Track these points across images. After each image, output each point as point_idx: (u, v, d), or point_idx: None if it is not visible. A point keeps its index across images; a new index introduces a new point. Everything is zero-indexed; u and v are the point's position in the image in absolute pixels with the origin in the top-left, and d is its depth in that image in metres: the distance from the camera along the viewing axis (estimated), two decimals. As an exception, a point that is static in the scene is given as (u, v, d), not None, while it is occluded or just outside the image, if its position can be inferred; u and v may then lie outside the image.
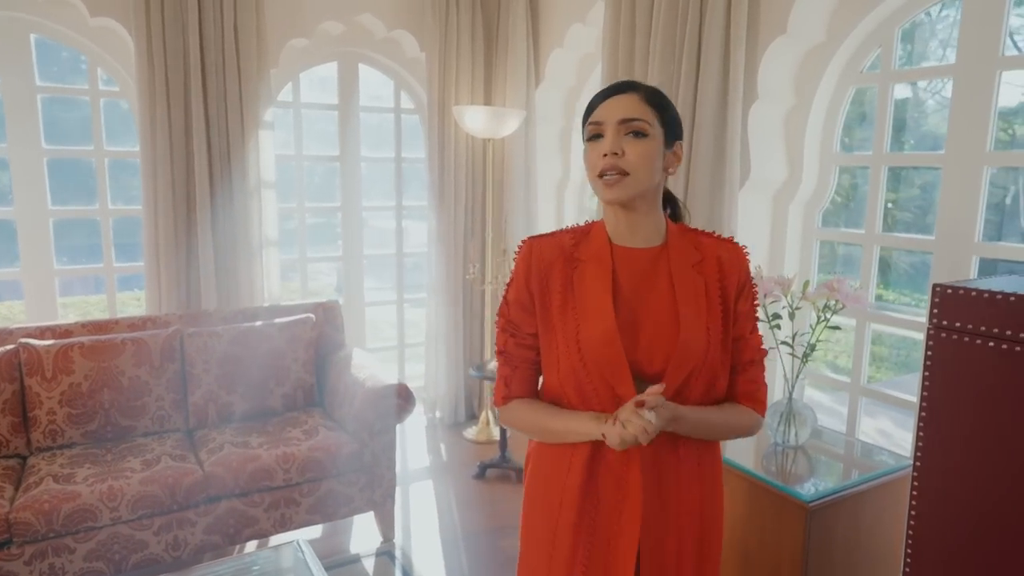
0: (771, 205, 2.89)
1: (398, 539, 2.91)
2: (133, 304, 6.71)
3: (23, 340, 2.63)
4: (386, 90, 4.30)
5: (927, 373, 1.57)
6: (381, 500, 2.81)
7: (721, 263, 1.29)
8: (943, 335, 1.53)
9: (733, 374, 1.33)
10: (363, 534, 2.94)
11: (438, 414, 4.23)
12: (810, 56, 2.68)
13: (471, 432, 4.03)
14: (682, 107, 2.75)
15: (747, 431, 1.33)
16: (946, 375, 1.53)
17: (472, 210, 4.07)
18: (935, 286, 1.54)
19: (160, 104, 3.18)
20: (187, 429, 2.87)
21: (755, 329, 1.34)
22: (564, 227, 1.37)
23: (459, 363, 4.13)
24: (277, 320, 3.06)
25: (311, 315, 3.14)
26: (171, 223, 3.27)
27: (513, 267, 1.34)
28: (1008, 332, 1.43)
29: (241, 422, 2.90)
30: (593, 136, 1.24)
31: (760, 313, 2.39)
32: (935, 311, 1.55)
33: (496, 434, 3.96)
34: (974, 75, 2.23)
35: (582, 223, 1.37)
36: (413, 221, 5.02)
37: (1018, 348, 1.42)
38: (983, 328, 1.47)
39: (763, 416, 1.35)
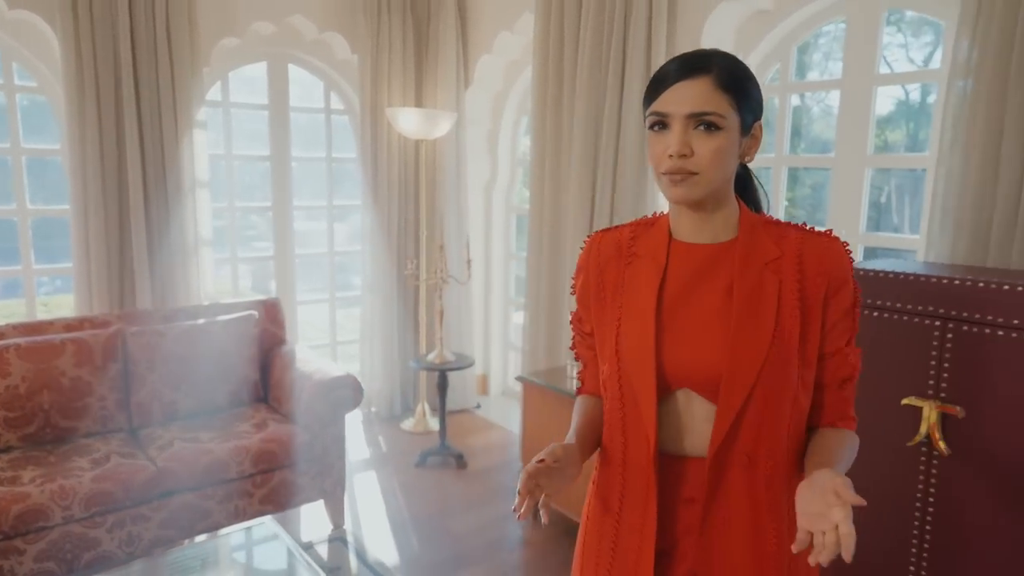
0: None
1: (348, 526, 3.01)
2: (43, 309, 6.34)
3: (-47, 343, 2.55)
4: (316, 91, 4.35)
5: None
6: (331, 488, 2.90)
7: (803, 260, 1.07)
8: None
9: (821, 392, 1.11)
10: (312, 523, 3.02)
11: (374, 409, 4.32)
12: (720, 68, 2.98)
13: (408, 424, 4.15)
14: (609, 111, 3.00)
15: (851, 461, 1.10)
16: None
17: (405, 209, 4.18)
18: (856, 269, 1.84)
19: (89, 102, 3.13)
20: (131, 428, 2.85)
21: (852, 340, 1.11)
22: (627, 220, 1.21)
23: (394, 358, 4.24)
24: (220, 318, 3.08)
25: (254, 312, 3.18)
26: (102, 223, 3.22)
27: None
28: (889, 303, 1.73)
29: (186, 419, 2.91)
30: (656, 125, 1.05)
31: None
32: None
33: (433, 425, 4.10)
34: (857, 88, 2.59)
35: (512, 221, 1.46)
36: (318, 222, 5.06)
37: (896, 316, 1.72)
38: (879, 302, 1.78)
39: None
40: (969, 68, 1.99)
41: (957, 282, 1.73)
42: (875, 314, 1.81)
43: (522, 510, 0.98)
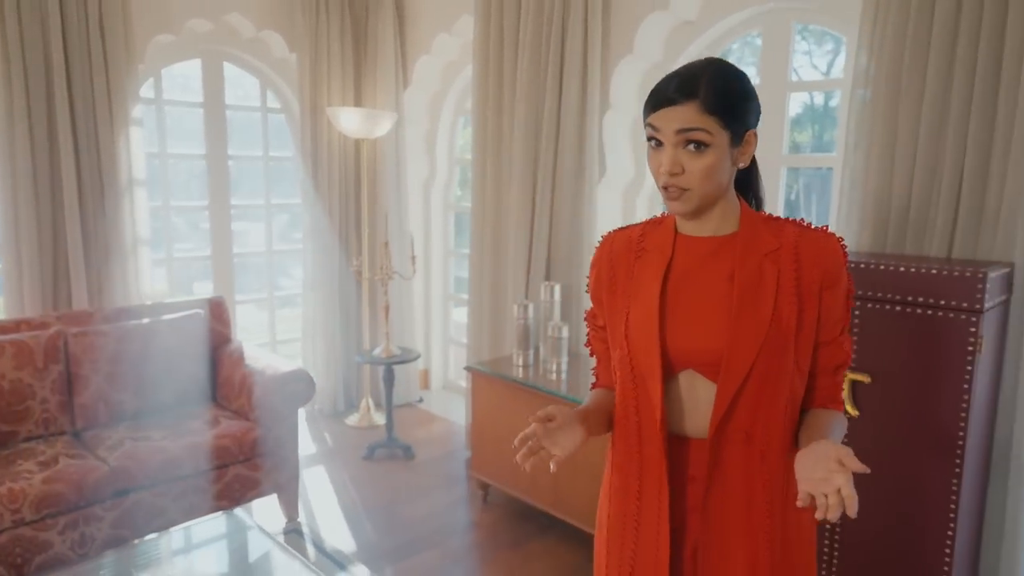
0: (622, 198, 3.39)
1: (303, 518, 3.06)
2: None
3: None
4: (252, 89, 4.32)
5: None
6: (286, 482, 2.95)
7: (799, 252, 1.14)
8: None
9: (815, 377, 1.19)
10: (266, 517, 3.05)
11: (317, 406, 4.34)
12: (650, 73, 3.20)
13: (353, 419, 4.20)
14: (548, 115, 3.17)
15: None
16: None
17: (346, 207, 4.23)
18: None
19: (18, 98, 3.04)
20: (74, 431, 2.80)
21: (846, 330, 1.19)
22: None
23: (337, 355, 4.28)
24: (165, 317, 3.06)
25: (200, 311, 3.17)
26: (34, 223, 3.13)
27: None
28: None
29: (134, 420, 2.89)
30: (652, 139, 1.13)
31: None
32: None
33: (378, 419, 4.16)
34: (772, 94, 2.85)
35: (451, 219, 1.49)
36: (251, 223, 5.04)
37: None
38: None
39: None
40: (868, 79, 2.26)
41: (863, 266, 1.98)
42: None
43: (521, 458, 1.09)
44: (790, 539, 1.18)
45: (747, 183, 1.24)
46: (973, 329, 1.84)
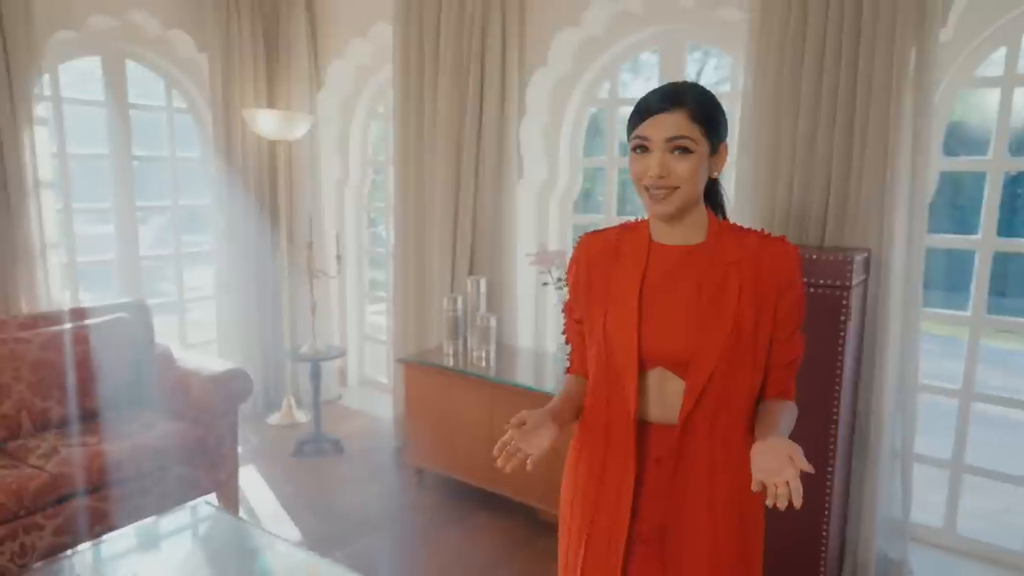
0: (537, 198, 3.67)
1: (243, 515, 3.10)
2: None
3: None
4: (156, 88, 4.22)
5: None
6: (226, 479, 2.99)
7: (759, 262, 1.27)
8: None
9: (770, 371, 1.33)
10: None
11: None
12: (561, 83, 3.50)
13: (275, 419, 4.22)
14: (471, 120, 3.39)
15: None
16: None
17: (261, 208, 4.23)
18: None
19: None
20: (-4, 443, 2.70)
21: (796, 331, 1.33)
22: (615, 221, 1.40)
23: (255, 356, 4.27)
24: (89, 321, 3.00)
25: (124, 314, 3.12)
26: (-67, 227, 2.96)
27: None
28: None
29: (59, 427, 2.82)
30: (638, 147, 1.25)
31: (550, 276, 3.13)
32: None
33: (300, 417, 4.21)
34: (672, 106, 3.22)
35: (364, 219, 1.76)
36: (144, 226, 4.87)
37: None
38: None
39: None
40: (753, 95, 2.66)
41: (758, 254, 2.35)
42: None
43: (502, 462, 1.21)
44: (746, 515, 1.34)
45: (712, 193, 1.37)
46: (844, 303, 2.27)
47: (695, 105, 1.22)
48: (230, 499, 3.02)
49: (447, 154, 3.49)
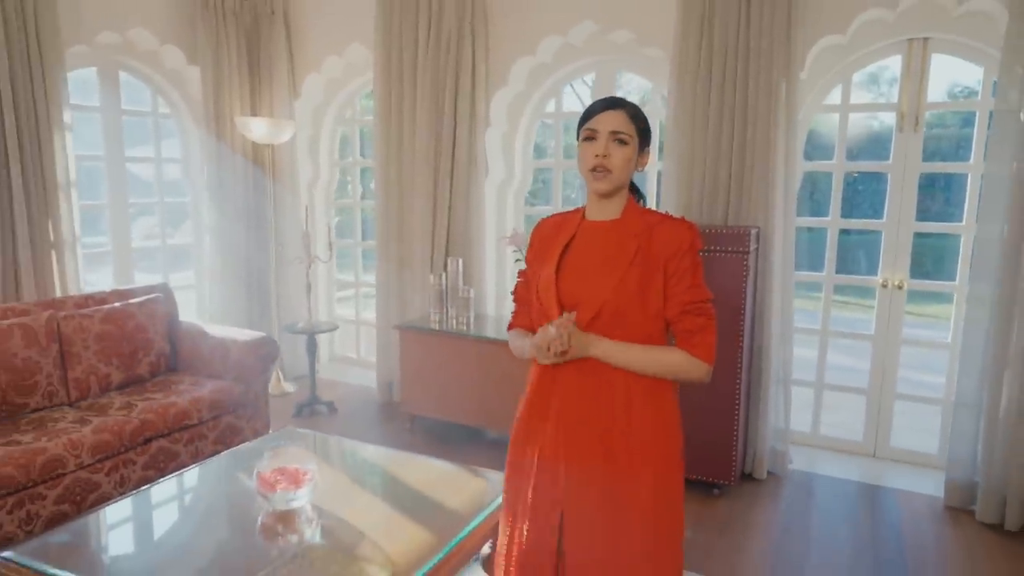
0: (497, 192, 4.47)
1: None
2: None
3: (-95, 333, 2.69)
4: (143, 95, 4.63)
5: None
6: (262, 428, 3.57)
7: (655, 233, 1.56)
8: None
9: (672, 323, 1.58)
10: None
11: (224, 384, 4.80)
12: (516, 99, 4.31)
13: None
14: (446, 129, 4.13)
15: (684, 372, 1.56)
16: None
17: (247, 204, 4.75)
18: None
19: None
20: (71, 402, 3.17)
21: (692, 287, 1.56)
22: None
23: (243, 336, 4.78)
24: (132, 300, 3.49)
25: (159, 294, 3.63)
26: (-15, 220, 3.35)
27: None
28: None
29: (117, 390, 3.31)
30: (587, 138, 1.57)
31: (521, 253, 3.92)
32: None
33: (288, 387, 4.77)
34: (607, 120, 4.13)
35: (332, 214, 2.38)
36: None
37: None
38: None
39: (705, 360, 1.56)
40: (674, 114, 3.59)
41: (685, 230, 3.27)
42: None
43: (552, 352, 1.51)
44: (634, 435, 1.57)
45: (635, 188, 1.72)
46: (744, 263, 3.23)
47: (632, 110, 1.59)
48: (263, 445, 3.61)
49: (426, 157, 4.21)
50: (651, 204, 4.10)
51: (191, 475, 2.55)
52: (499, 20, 4.11)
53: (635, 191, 1.70)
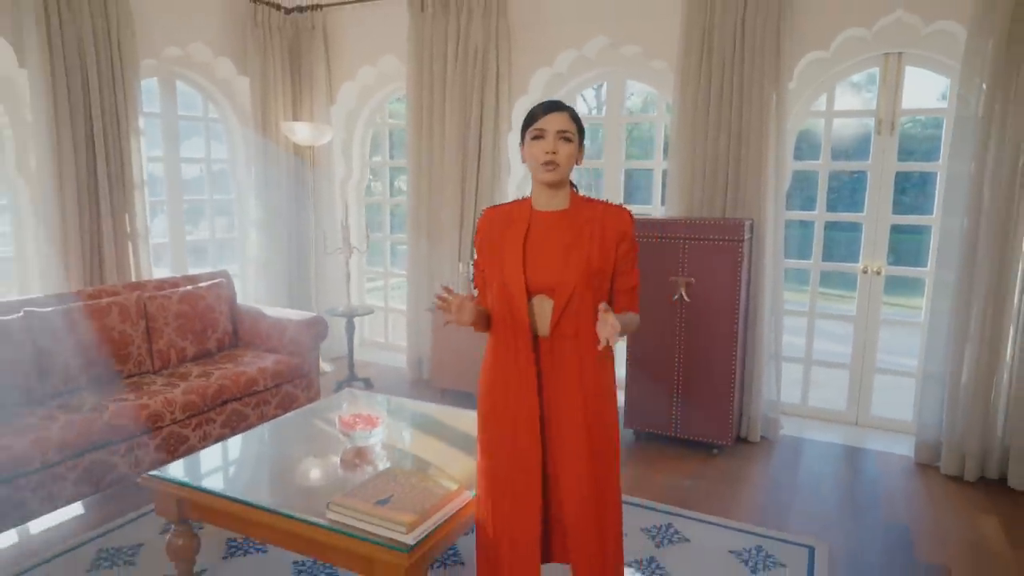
0: (516, 189, 4.95)
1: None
2: None
3: (27, 309, 3.17)
4: (195, 101, 5.11)
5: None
6: (314, 396, 4.06)
7: (604, 220, 1.81)
8: (640, 237, 3.77)
9: (617, 295, 1.88)
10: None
11: (268, 364, 5.29)
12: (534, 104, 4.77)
13: (305, 370, 5.23)
14: (472, 134, 4.61)
15: (637, 325, 1.94)
16: (642, 253, 3.77)
17: (290, 200, 5.23)
18: (648, 219, 3.74)
19: (64, 127, 3.73)
20: (154, 371, 3.65)
21: (633, 267, 1.87)
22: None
23: (285, 320, 5.26)
24: (201, 284, 3.97)
25: (223, 279, 4.11)
26: (76, 216, 3.82)
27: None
28: (662, 234, 3.72)
29: (192, 362, 3.79)
30: (536, 137, 1.76)
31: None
32: (636, 228, 3.77)
33: (325, 367, 5.25)
34: (614, 124, 4.60)
35: (363, 210, 2.82)
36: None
37: (665, 240, 3.71)
38: (658, 234, 3.74)
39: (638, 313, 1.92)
40: (678, 121, 4.06)
41: (686, 222, 3.75)
42: (658, 240, 3.77)
43: (443, 314, 1.93)
44: (600, 394, 1.88)
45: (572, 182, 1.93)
46: (740, 250, 3.70)
47: (572, 113, 1.83)
48: (314, 413, 4.09)
49: (454, 159, 4.69)
50: (656, 199, 4.59)
51: (279, 423, 3.00)
52: (521, 35, 4.58)
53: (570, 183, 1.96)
